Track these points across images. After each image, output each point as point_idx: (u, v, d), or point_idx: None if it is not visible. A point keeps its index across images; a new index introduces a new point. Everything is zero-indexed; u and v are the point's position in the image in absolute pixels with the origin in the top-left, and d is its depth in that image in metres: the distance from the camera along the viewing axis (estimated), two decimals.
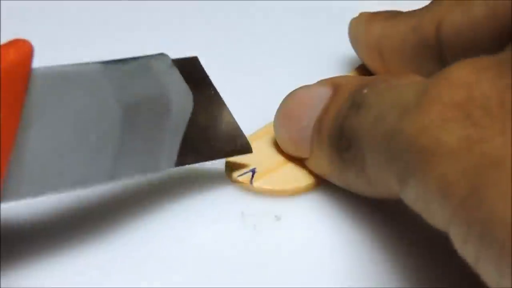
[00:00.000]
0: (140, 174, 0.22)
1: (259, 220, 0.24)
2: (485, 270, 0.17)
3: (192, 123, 0.22)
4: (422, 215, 0.19)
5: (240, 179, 0.24)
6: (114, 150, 0.20)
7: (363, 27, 0.29)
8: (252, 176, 0.24)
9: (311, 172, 0.25)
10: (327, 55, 0.32)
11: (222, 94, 0.24)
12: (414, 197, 0.19)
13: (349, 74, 0.31)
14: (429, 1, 0.27)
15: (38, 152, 0.19)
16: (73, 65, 0.20)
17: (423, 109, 0.19)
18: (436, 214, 0.18)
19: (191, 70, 0.23)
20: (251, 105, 0.27)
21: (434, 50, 0.26)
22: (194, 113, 0.22)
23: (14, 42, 0.18)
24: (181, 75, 0.22)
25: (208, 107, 0.23)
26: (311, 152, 0.24)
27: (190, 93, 0.22)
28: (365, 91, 0.22)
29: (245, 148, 0.24)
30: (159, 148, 0.22)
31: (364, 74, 0.31)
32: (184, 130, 0.22)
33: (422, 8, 0.27)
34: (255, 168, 0.25)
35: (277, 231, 0.24)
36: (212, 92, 0.23)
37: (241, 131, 0.24)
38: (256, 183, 0.24)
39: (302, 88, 0.25)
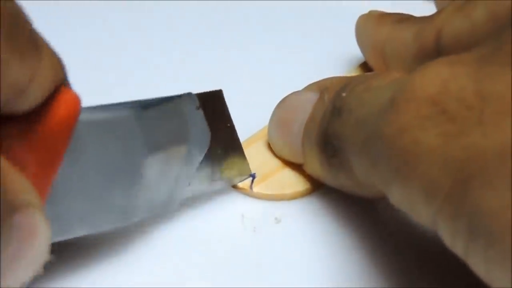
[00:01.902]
0: (156, 212, 0.22)
1: (259, 223, 0.24)
2: (475, 261, 0.17)
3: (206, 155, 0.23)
4: (409, 214, 0.19)
5: (240, 184, 0.25)
6: (133, 194, 0.21)
7: (371, 27, 0.29)
8: (252, 181, 0.25)
9: (308, 175, 0.25)
10: (329, 54, 0.32)
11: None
12: (398, 198, 0.19)
13: (353, 70, 0.31)
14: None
15: (66, 195, 0.19)
16: (109, 109, 0.20)
17: (398, 109, 0.19)
18: (422, 213, 0.18)
19: (213, 102, 0.24)
20: (251, 107, 0.27)
21: (434, 57, 0.25)
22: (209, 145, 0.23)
23: (64, 95, 0.18)
24: (204, 117, 0.23)
25: (222, 140, 0.24)
26: (305, 157, 0.24)
27: (209, 133, 0.23)
28: (344, 94, 0.22)
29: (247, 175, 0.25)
30: (172, 187, 0.22)
31: (368, 71, 0.31)
32: (195, 168, 0.23)
33: (428, 16, 0.27)
34: (254, 174, 0.25)
35: (276, 233, 0.24)
36: (229, 124, 0.24)
37: (246, 162, 0.25)
38: (256, 189, 0.25)
39: (292, 93, 0.25)
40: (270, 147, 0.26)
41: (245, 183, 0.25)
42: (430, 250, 0.22)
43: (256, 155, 0.26)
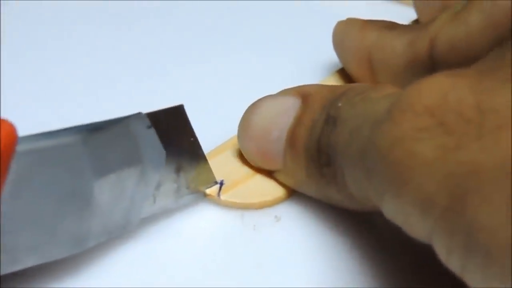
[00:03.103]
0: (113, 235, 0.22)
1: (258, 221, 0.24)
2: (472, 279, 0.16)
3: (163, 174, 0.23)
4: (404, 228, 0.19)
5: (208, 191, 0.24)
6: (85, 219, 0.20)
7: (355, 34, 0.28)
8: (220, 188, 0.24)
9: (279, 183, 0.24)
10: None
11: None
12: (393, 211, 0.19)
13: (328, 78, 0.31)
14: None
15: (13, 226, 0.19)
16: (54, 135, 0.20)
17: (394, 120, 0.18)
18: (417, 227, 0.18)
19: (175, 117, 0.23)
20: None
21: (427, 67, 0.25)
22: (171, 159, 0.23)
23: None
24: (156, 136, 0.22)
25: (186, 154, 0.24)
26: (284, 165, 0.24)
27: (164, 152, 0.23)
28: (340, 104, 0.22)
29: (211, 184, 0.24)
30: (126, 209, 0.22)
31: (344, 79, 0.30)
32: (153, 187, 0.22)
33: (419, 24, 0.27)
34: (222, 180, 0.24)
35: (276, 231, 0.23)
36: (192, 139, 0.24)
37: (212, 173, 0.24)
38: (224, 196, 0.24)
39: (266, 98, 0.24)
40: (239, 155, 0.25)
41: (213, 190, 0.24)
42: (430, 247, 0.22)
43: (225, 163, 0.25)
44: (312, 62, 0.31)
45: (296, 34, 0.33)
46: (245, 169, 0.25)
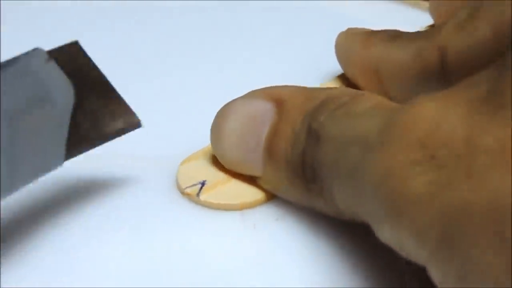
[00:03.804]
0: (35, 178, 0.21)
1: (258, 220, 0.24)
2: None
3: (78, 112, 0.22)
4: (398, 252, 0.19)
5: (188, 191, 0.24)
6: (6, 162, 0.20)
7: (359, 46, 0.28)
8: (201, 188, 0.24)
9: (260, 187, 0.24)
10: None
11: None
12: (387, 238, 0.18)
13: (330, 83, 0.30)
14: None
15: None
16: None
17: (386, 149, 0.18)
18: (411, 255, 0.18)
19: (73, 56, 0.23)
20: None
21: (439, 76, 0.25)
22: (79, 101, 0.22)
23: None
24: (59, 68, 0.22)
25: (93, 90, 0.23)
26: (264, 173, 0.23)
27: (70, 84, 0.22)
28: (322, 118, 0.21)
29: (133, 123, 0.23)
30: (48, 146, 0.22)
31: (346, 84, 0.30)
32: (68, 122, 0.22)
33: (422, 33, 0.26)
34: (205, 181, 0.24)
35: (277, 231, 0.23)
36: (97, 74, 0.23)
37: (128, 107, 0.23)
38: (203, 196, 0.24)
39: (236, 102, 0.24)
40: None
41: (193, 190, 0.24)
42: None
43: (207, 164, 0.25)
44: (313, 65, 0.31)
45: (297, 34, 0.33)
46: (225, 172, 0.25)
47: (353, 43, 0.28)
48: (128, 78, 0.24)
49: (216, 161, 0.25)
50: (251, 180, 0.24)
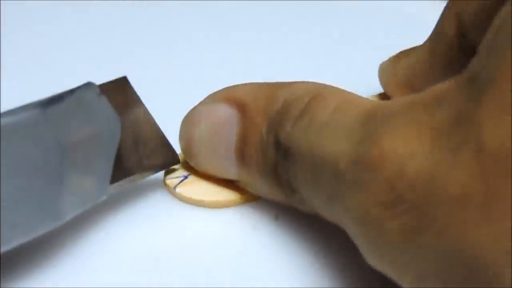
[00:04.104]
0: (82, 208, 0.22)
1: (258, 220, 0.23)
2: None
3: (122, 146, 0.23)
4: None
5: (168, 181, 0.24)
6: (57, 192, 0.21)
7: (390, 67, 0.27)
8: (181, 181, 0.24)
9: (240, 188, 0.24)
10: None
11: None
12: (370, 263, 0.19)
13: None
14: None
15: None
16: (14, 113, 0.20)
17: (359, 190, 0.17)
18: (394, 280, 0.18)
19: (121, 91, 0.24)
20: None
21: (463, 45, 0.24)
22: (124, 135, 0.23)
23: None
24: (108, 103, 0.23)
25: (138, 126, 0.24)
26: (240, 178, 0.23)
27: (118, 118, 0.23)
28: (288, 129, 0.20)
29: (173, 159, 0.24)
30: (94, 179, 0.22)
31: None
32: (114, 157, 0.23)
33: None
34: (188, 175, 0.24)
35: (276, 230, 0.23)
36: (142, 109, 0.24)
37: (169, 144, 0.24)
38: (179, 189, 0.24)
39: (198, 108, 0.23)
40: None
41: (172, 182, 0.24)
42: None
43: None
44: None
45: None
46: None
47: (388, 66, 0.28)
48: (124, 72, 0.25)
49: None
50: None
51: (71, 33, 0.35)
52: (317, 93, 0.20)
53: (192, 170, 0.24)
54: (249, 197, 0.24)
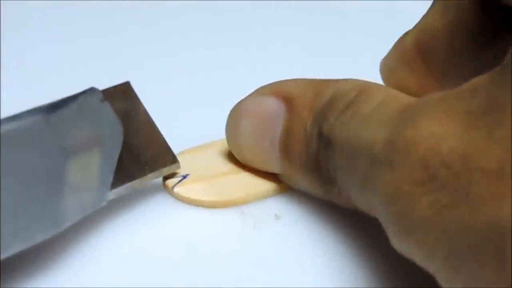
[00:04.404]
0: (82, 215, 0.22)
1: (258, 219, 0.23)
2: None
3: (124, 150, 0.23)
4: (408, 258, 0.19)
5: (167, 182, 0.24)
6: (58, 199, 0.21)
7: (397, 44, 0.26)
8: (180, 181, 0.24)
9: (244, 188, 0.24)
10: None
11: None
12: (397, 246, 0.19)
13: None
14: None
15: None
16: (16, 119, 0.20)
17: (392, 169, 0.18)
18: (422, 263, 0.18)
19: (124, 96, 0.24)
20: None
21: (476, 19, 0.23)
22: (126, 139, 0.23)
23: None
24: (111, 109, 0.23)
25: (139, 130, 0.24)
26: (282, 171, 0.23)
27: (120, 125, 0.23)
28: (331, 121, 0.21)
29: (173, 165, 0.24)
30: (95, 183, 0.22)
31: None
32: (116, 161, 0.23)
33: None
34: (187, 175, 0.24)
35: (277, 230, 0.23)
36: (144, 115, 0.24)
37: (169, 150, 0.24)
38: (177, 189, 0.24)
39: (246, 102, 0.24)
40: (209, 157, 0.25)
41: (172, 181, 0.24)
42: None
43: (203, 159, 0.25)
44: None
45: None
46: (219, 169, 0.25)
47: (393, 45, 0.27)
48: (126, 74, 0.25)
49: (209, 158, 0.25)
50: (232, 180, 0.24)
51: (72, 36, 0.35)
52: (363, 88, 0.21)
53: (195, 169, 0.24)
54: (249, 197, 0.24)
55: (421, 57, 0.25)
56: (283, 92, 0.23)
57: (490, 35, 0.23)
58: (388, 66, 0.27)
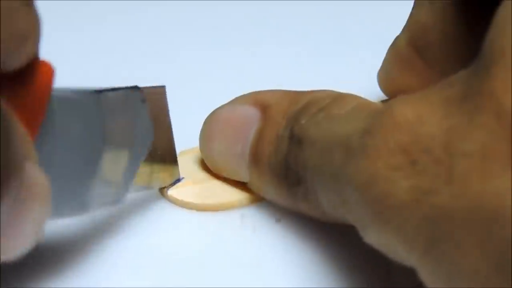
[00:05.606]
0: (105, 206, 0.22)
1: (258, 223, 0.23)
2: None
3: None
4: (386, 254, 0.18)
5: None
6: (91, 184, 0.21)
7: (393, 45, 0.26)
8: (173, 184, 0.24)
9: (233, 191, 0.24)
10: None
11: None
12: (375, 243, 0.18)
13: None
14: None
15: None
16: (71, 91, 0.20)
17: (368, 155, 0.18)
18: (401, 257, 0.18)
19: (158, 101, 0.24)
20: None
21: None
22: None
23: (40, 63, 0.19)
24: (147, 113, 0.23)
25: (158, 139, 0.24)
26: (250, 179, 0.23)
27: (152, 133, 0.23)
28: (303, 121, 0.21)
29: (176, 180, 0.24)
30: (120, 181, 0.22)
31: None
32: (139, 166, 0.23)
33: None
34: (181, 178, 0.24)
35: (276, 233, 0.23)
36: (167, 123, 0.24)
37: (176, 161, 0.24)
38: (171, 192, 0.24)
39: (224, 108, 0.24)
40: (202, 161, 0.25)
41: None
42: None
43: (192, 162, 0.25)
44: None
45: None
46: (205, 174, 0.25)
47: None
48: (126, 74, 0.25)
49: (201, 162, 0.25)
50: (226, 184, 0.24)
51: (72, 36, 0.35)
52: (337, 96, 0.21)
53: (189, 172, 0.24)
54: (243, 201, 0.24)
55: (418, 54, 0.25)
56: (260, 100, 0.23)
57: (481, 15, 0.22)
58: (386, 74, 0.27)
